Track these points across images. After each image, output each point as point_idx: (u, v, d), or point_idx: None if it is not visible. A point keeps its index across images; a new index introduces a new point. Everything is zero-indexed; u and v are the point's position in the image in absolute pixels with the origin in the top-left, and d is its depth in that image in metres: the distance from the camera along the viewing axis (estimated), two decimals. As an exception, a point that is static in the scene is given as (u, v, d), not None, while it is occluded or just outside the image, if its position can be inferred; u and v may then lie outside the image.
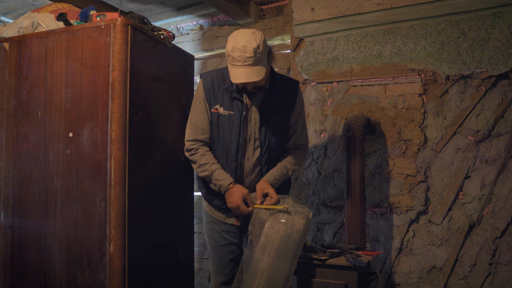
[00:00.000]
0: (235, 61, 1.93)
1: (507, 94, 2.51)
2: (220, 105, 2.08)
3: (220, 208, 2.16)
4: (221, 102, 2.08)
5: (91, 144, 1.89)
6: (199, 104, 2.13)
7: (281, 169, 2.12)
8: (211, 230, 2.20)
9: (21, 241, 2.04)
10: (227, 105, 2.08)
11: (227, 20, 3.48)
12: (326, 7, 2.97)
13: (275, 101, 2.12)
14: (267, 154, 2.11)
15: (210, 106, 2.10)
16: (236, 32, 1.98)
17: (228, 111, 2.07)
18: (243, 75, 1.92)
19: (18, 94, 2.08)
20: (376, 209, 2.81)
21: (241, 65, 1.92)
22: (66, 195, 1.93)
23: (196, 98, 2.15)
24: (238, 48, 1.91)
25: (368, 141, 2.81)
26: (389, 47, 2.79)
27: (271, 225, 1.99)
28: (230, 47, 1.93)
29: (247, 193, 2.03)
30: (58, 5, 2.35)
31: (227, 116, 2.07)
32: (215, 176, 2.04)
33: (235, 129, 2.07)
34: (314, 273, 2.08)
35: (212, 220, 2.20)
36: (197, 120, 2.12)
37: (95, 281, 1.85)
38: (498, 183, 2.52)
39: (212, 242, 2.20)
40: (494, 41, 2.51)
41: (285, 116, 2.16)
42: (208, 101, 2.10)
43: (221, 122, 2.08)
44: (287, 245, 1.96)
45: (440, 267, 2.63)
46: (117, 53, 1.87)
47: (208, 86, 2.10)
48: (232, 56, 1.93)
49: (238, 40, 1.92)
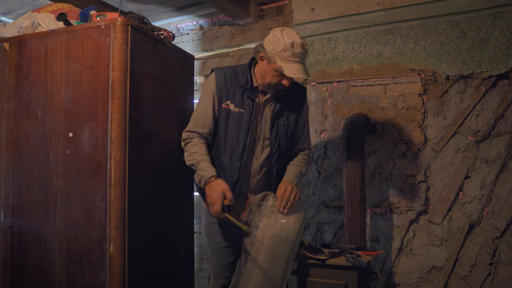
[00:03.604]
0: (294, 56, 1.93)
1: (507, 94, 2.51)
2: (231, 101, 2.06)
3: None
4: (233, 98, 2.06)
5: (91, 144, 1.89)
6: (207, 98, 2.09)
7: (296, 168, 2.12)
8: (211, 231, 2.17)
9: (21, 241, 2.04)
10: (238, 103, 2.06)
11: (227, 20, 3.48)
12: (326, 7, 2.97)
13: (286, 104, 2.12)
14: (277, 154, 2.10)
15: (220, 102, 2.07)
16: (284, 29, 1.98)
17: (238, 108, 2.05)
18: (299, 70, 1.95)
19: (18, 94, 2.08)
20: (376, 209, 2.81)
21: (298, 61, 1.95)
22: (66, 195, 1.93)
23: (205, 91, 2.11)
24: (298, 44, 1.93)
25: (368, 141, 2.81)
26: (389, 47, 2.79)
27: (266, 226, 1.99)
28: (289, 42, 1.92)
29: (227, 188, 1.95)
30: (58, 5, 2.35)
31: (237, 114, 2.05)
32: (200, 166, 2.00)
33: (244, 127, 2.05)
34: (314, 273, 2.08)
35: (213, 221, 2.16)
36: (200, 113, 2.10)
37: (95, 281, 1.85)
38: (498, 183, 2.52)
39: (213, 243, 2.16)
40: (494, 41, 2.51)
41: (294, 119, 2.17)
42: (218, 96, 2.07)
43: (230, 118, 2.06)
44: (282, 245, 1.96)
45: (440, 267, 2.63)
46: (117, 53, 1.87)
47: (221, 81, 2.07)
48: (291, 51, 1.93)
49: (293, 36, 1.94)
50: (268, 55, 1.97)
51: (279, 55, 1.94)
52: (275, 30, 2.00)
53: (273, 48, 1.95)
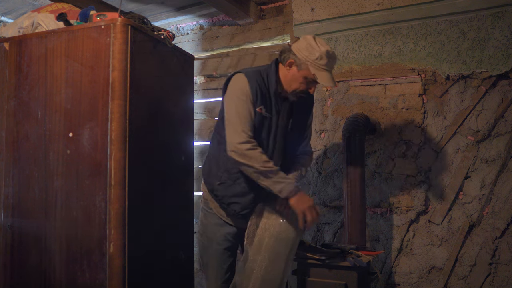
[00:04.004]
0: (327, 65, 1.95)
1: (507, 94, 2.51)
2: (264, 106, 2.02)
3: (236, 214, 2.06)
4: (264, 103, 2.02)
5: (91, 144, 1.89)
6: (246, 100, 1.97)
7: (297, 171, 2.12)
8: (214, 233, 2.11)
9: (21, 241, 2.04)
10: (268, 107, 2.03)
11: (227, 20, 3.48)
12: (326, 7, 2.97)
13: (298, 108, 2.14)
14: (287, 158, 2.11)
15: (254, 106, 2.00)
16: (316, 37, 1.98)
17: (268, 113, 2.03)
18: (330, 79, 1.97)
19: (18, 94, 2.08)
20: (376, 209, 2.81)
21: (330, 70, 1.98)
22: (66, 195, 1.93)
23: (241, 94, 1.98)
24: (331, 53, 1.95)
25: (368, 141, 2.80)
26: (389, 47, 2.79)
27: (265, 225, 1.99)
28: (324, 50, 1.93)
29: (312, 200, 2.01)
30: (58, 5, 2.35)
31: (267, 119, 2.03)
32: (280, 175, 1.93)
33: (274, 132, 2.04)
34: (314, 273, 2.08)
35: (219, 223, 2.10)
36: (246, 114, 1.97)
37: (95, 281, 1.85)
38: (498, 183, 2.52)
39: (216, 245, 2.10)
40: (494, 41, 2.51)
41: (303, 123, 2.19)
42: (253, 100, 2.00)
43: (260, 123, 2.02)
44: (282, 245, 1.96)
45: (440, 267, 2.63)
46: (117, 53, 1.87)
47: (255, 86, 2.01)
48: (326, 60, 1.94)
49: (325, 45, 1.96)
50: (300, 62, 1.96)
51: (314, 63, 1.94)
52: (307, 37, 1.99)
53: (307, 55, 1.94)
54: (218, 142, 2.07)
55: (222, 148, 2.01)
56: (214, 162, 2.09)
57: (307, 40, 1.98)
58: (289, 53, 2.00)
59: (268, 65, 2.10)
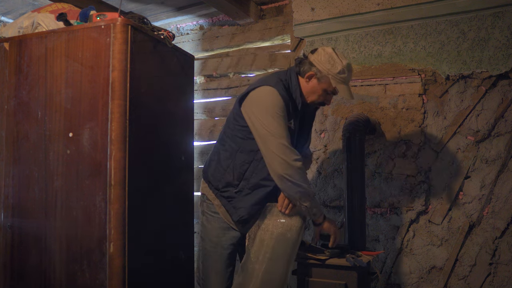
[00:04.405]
0: (347, 79, 1.98)
1: (507, 94, 2.51)
2: (293, 119, 2.03)
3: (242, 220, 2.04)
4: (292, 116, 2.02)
5: (91, 144, 1.89)
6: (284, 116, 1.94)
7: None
8: (220, 237, 2.08)
9: (21, 241, 2.04)
10: (293, 120, 2.04)
11: (227, 20, 3.48)
12: (326, 7, 2.97)
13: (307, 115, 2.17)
14: None
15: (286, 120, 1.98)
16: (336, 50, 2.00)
17: (292, 124, 2.04)
18: (349, 92, 2.02)
19: (18, 94, 2.08)
20: (376, 209, 2.81)
21: (348, 83, 2.01)
22: (66, 195, 1.93)
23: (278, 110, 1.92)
24: (350, 67, 1.99)
25: (368, 141, 2.81)
26: (389, 47, 2.79)
27: (266, 226, 1.99)
28: (345, 64, 1.96)
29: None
30: (58, 5, 2.35)
31: (292, 131, 2.03)
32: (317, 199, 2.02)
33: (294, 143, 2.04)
34: (314, 273, 2.08)
35: (224, 226, 2.08)
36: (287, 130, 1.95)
37: (95, 281, 1.85)
38: (498, 183, 2.52)
39: (221, 249, 2.08)
40: (494, 41, 2.51)
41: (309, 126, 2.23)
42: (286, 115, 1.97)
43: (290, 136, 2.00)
44: (283, 245, 1.96)
45: (440, 267, 2.63)
46: (117, 53, 1.87)
47: (286, 100, 1.97)
48: (347, 74, 1.97)
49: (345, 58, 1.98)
50: (321, 75, 1.96)
51: (335, 77, 1.94)
52: (327, 49, 1.98)
53: (329, 68, 1.94)
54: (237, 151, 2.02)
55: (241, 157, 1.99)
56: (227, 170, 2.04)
57: (327, 52, 1.97)
58: (310, 65, 1.99)
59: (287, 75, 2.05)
